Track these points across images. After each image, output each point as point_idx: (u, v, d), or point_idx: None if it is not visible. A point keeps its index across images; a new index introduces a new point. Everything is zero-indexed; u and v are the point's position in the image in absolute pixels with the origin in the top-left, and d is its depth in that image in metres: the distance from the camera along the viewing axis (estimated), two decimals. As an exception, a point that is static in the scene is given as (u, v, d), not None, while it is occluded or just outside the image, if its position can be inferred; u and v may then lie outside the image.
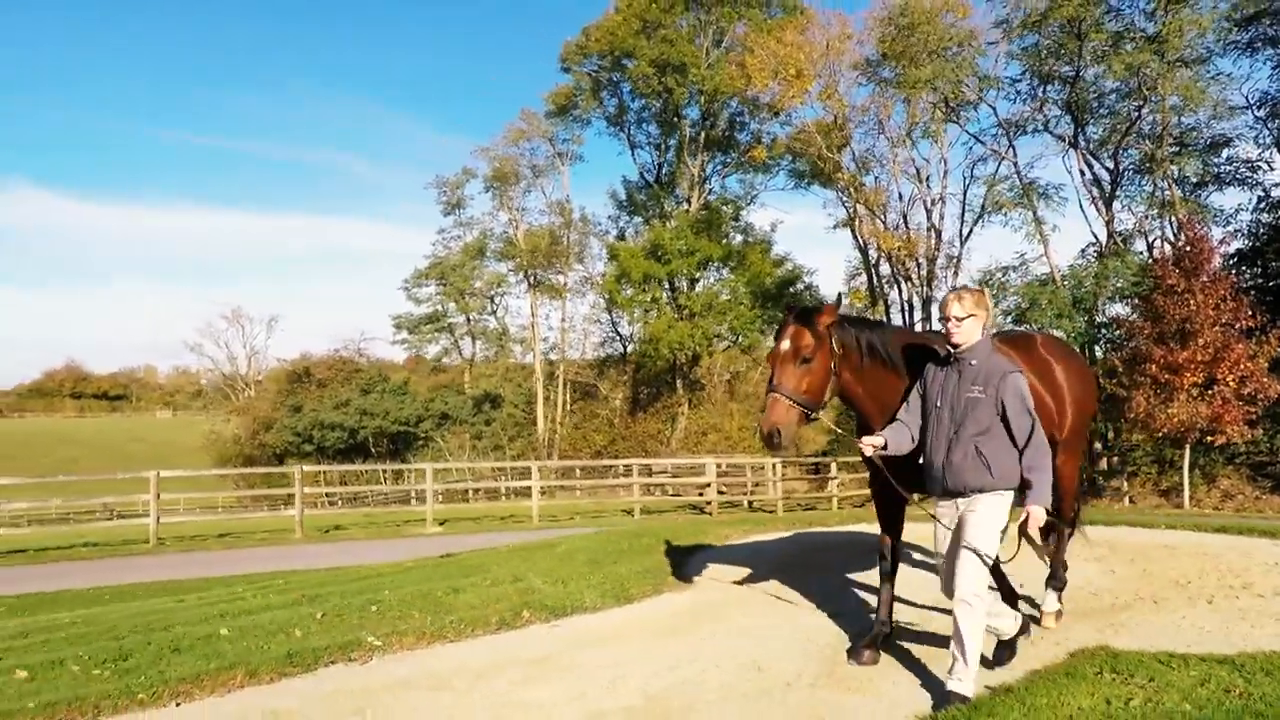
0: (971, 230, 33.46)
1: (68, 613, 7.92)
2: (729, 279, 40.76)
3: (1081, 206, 30.02)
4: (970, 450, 4.25)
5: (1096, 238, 29.61)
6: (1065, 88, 28.46)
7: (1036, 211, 29.85)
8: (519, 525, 18.35)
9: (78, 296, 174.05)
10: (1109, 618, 5.82)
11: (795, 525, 10.46)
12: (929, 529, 4.62)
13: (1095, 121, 29.04)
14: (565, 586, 6.69)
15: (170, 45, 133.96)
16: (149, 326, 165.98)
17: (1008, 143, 31.08)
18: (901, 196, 34.68)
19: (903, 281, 35.18)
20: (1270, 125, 26.89)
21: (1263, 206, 27.23)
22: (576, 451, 40.82)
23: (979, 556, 4.19)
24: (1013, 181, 31.07)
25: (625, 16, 38.22)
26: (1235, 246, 25.94)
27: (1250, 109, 26.97)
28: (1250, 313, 19.94)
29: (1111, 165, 29.05)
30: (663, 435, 40.23)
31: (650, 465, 28.74)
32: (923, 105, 31.44)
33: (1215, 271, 20.82)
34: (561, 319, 47.25)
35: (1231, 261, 25.55)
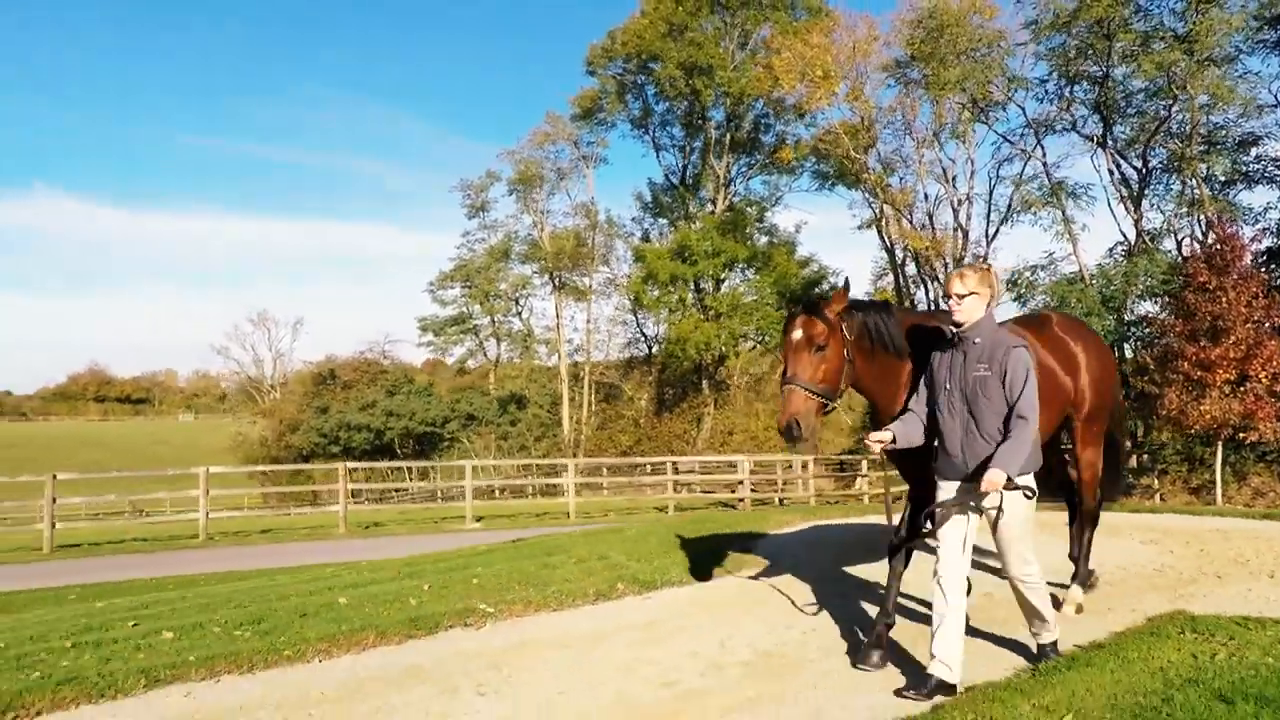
0: (998, 230, 33.71)
1: (155, 594, 8.25)
2: (754, 280, 41.04)
3: (1110, 205, 30.17)
4: (991, 433, 4.15)
5: (1125, 236, 29.81)
6: (1094, 88, 28.63)
7: (1065, 210, 30.05)
8: (554, 521, 18.52)
9: (101, 301, 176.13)
10: (1177, 590, 6.12)
11: (850, 515, 10.77)
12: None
13: (1123, 121, 29.17)
14: (650, 564, 7.04)
15: (196, 52, 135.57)
16: (172, 330, 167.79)
17: (1036, 142, 31.31)
18: (928, 196, 34.97)
19: (929, 281, 35.40)
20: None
21: (1292, 204, 27.35)
22: (602, 452, 41.13)
23: (1017, 537, 4.18)
24: (1041, 181, 31.30)
25: (652, 20, 38.62)
26: (1265, 244, 26.04)
27: (1279, 107, 27.12)
28: (1282, 310, 20.11)
29: (1140, 164, 29.22)
30: (688, 435, 40.52)
31: (679, 463, 29.02)
32: (950, 106, 31.65)
33: (1246, 269, 20.97)
34: (587, 320, 47.72)
35: (1262, 259, 25.65)
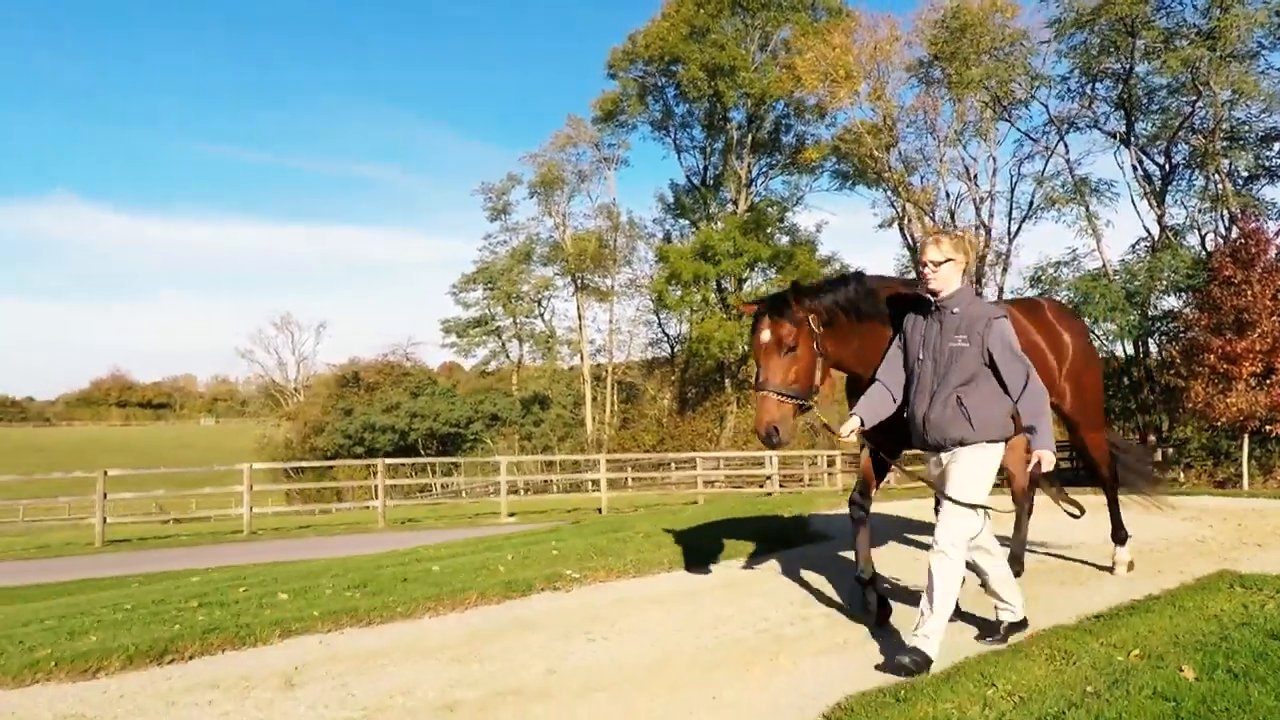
0: (1020, 227, 33.96)
1: (242, 571, 8.68)
2: (776, 279, 41.38)
3: (1133, 201, 30.35)
4: (952, 402, 4.01)
5: (1148, 232, 30.00)
6: (1116, 84, 28.85)
7: (1089, 207, 30.23)
8: (587, 516, 18.77)
9: (123, 307, 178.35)
10: (1221, 555, 6.49)
11: (891, 499, 11.13)
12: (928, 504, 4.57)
13: (1146, 117, 29.40)
14: (714, 538, 7.43)
15: (217, 62, 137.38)
16: (192, 336, 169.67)
17: (1058, 139, 31.51)
18: (949, 195, 35.27)
19: (952, 279, 35.55)
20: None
21: (1316, 199, 27.49)
22: (625, 451, 41.52)
23: (959, 507, 3.97)
24: (1064, 178, 31.53)
25: (674, 23, 39.10)
26: (1290, 239, 26.16)
27: (1302, 102, 27.22)
28: (1308, 303, 20.32)
29: (1163, 160, 29.44)
30: (711, 434, 40.91)
31: (705, 459, 29.36)
32: (972, 104, 31.92)
33: (1271, 263, 21.20)
34: (609, 321, 48.19)
35: (1286, 254, 25.79)
